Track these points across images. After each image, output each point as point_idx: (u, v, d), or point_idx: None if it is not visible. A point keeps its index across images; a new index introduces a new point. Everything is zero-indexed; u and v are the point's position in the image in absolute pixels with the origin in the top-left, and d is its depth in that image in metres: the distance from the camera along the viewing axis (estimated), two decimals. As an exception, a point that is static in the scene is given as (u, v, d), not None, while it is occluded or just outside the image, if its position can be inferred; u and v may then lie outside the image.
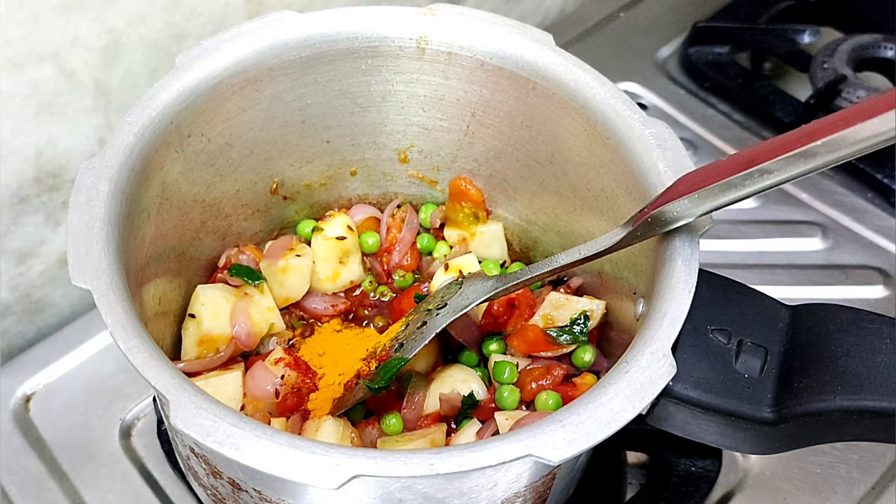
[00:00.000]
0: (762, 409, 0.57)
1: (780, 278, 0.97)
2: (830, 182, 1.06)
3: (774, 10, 1.26)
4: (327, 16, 0.72)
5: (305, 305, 0.80)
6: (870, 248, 1.00)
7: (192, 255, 0.75)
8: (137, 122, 0.65)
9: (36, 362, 0.87)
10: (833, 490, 0.80)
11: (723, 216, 1.01)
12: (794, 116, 1.10)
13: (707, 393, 0.57)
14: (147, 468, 0.80)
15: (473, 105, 0.77)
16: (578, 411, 0.52)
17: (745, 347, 0.58)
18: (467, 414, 0.72)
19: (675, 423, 0.59)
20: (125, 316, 0.55)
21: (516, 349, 0.74)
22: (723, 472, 0.80)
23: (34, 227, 0.86)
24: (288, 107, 0.75)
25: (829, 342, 0.58)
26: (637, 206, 0.62)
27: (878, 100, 0.47)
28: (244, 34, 0.70)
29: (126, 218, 0.61)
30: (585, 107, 0.70)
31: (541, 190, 0.78)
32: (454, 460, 0.50)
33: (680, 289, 0.58)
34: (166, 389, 0.52)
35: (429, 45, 0.74)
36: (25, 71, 0.76)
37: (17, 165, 0.81)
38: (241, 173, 0.76)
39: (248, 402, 0.71)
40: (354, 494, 0.56)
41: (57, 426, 0.82)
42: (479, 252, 0.83)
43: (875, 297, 0.95)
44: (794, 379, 0.57)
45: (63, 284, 0.93)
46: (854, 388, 0.55)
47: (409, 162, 0.83)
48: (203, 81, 0.68)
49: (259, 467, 0.49)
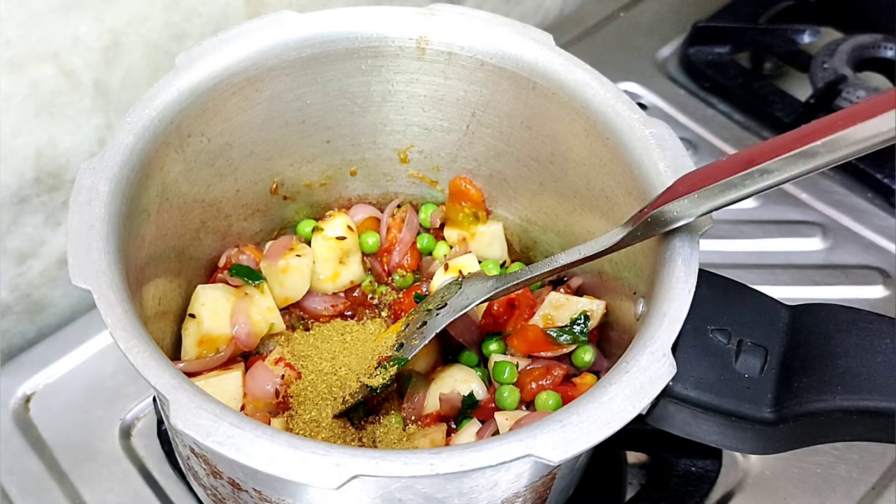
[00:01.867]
0: (762, 409, 0.57)
1: (780, 278, 0.97)
2: (830, 182, 1.06)
3: (774, 10, 1.26)
4: (327, 16, 0.72)
5: (305, 305, 0.80)
6: (870, 248, 1.00)
7: (192, 255, 0.75)
8: (137, 122, 0.65)
9: (36, 362, 0.87)
10: (833, 490, 0.80)
11: (723, 216, 1.01)
12: (794, 116, 1.10)
13: (707, 393, 0.57)
14: (147, 468, 0.80)
15: (473, 105, 0.77)
16: (578, 411, 0.52)
17: (745, 347, 0.58)
18: (467, 414, 0.72)
19: (675, 423, 0.59)
20: (125, 316, 0.55)
21: (516, 349, 0.74)
22: (723, 472, 0.80)
23: (34, 227, 0.86)
24: (288, 107, 0.75)
25: (829, 342, 0.58)
26: (637, 206, 0.62)
27: (878, 100, 0.47)
28: (244, 34, 0.70)
29: (126, 218, 0.61)
30: (585, 107, 0.70)
31: (541, 190, 0.78)
32: (454, 460, 0.50)
33: (680, 289, 0.58)
34: (166, 389, 0.52)
35: (429, 45, 0.74)
36: (25, 71, 0.76)
37: (17, 165, 0.81)
38: (241, 173, 0.76)
39: (248, 402, 0.71)
40: (354, 494, 0.56)
41: (57, 426, 0.82)
42: (480, 252, 0.83)
43: (875, 297, 0.95)
44: (794, 379, 0.57)
45: (63, 284, 0.93)
46: (854, 388, 0.55)
47: (409, 162, 0.83)
48: (203, 81, 0.68)
49: (259, 467, 0.49)
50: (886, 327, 0.58)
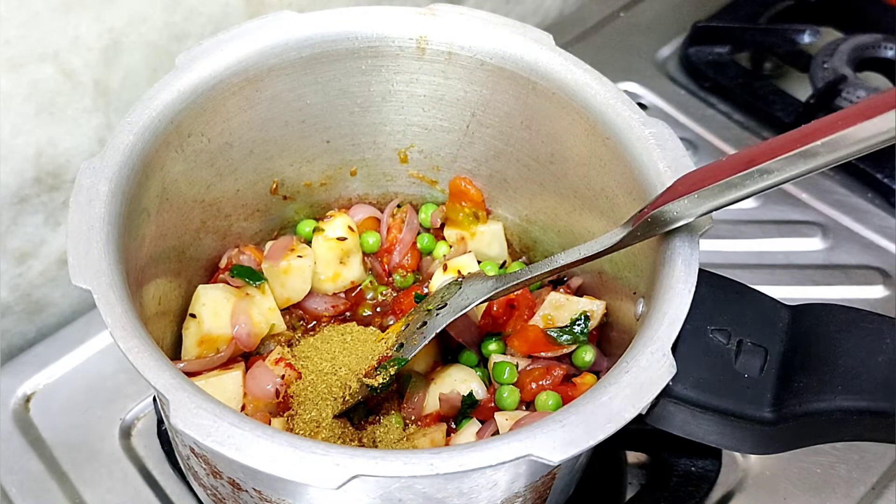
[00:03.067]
0: (762, 409, 0.57)
1: (780, 278, 0.97)
2: (830, 182, 1.06)
3: (774, 10, 1.26)
4: (327, 16, 0.72)
5: (306, 306, 0.80)
6: (870, 248, 1.00)
7: (192, 255, 0.75)
8: (137, 122, 0.65)
9: (36, 362, 0.87)
10: (833, 490, 0.80)
11: (723, 216, 1.01)
12: (794, 116, 1.10)
13: (707, 393, 0.57)
14: (147, 468, 0.80)
15: (473, 105, 0.77)
16: (578, 411, 0.52)
17: (744, 347, 0.58)
18: (467, 414, 0.72)
19: (674, 422, 0.59)
20: (125, 316, 0.55)
21: (516, 350, 0.74)
22: (723, 472, 0.80)
23: (34, 227, 0.86)
24: (288, 107, 0.75)
25: (829, 342, 0.58)
26: (637, 206, 0.62)
27: (878, 100, 0.47)
28: (244, 34, 0.70)
29: (126, 218, 0.61)
30: (585, 107, 0.70)
31: (541, 190, 0.78)
32: (454, 460, 0.50)
33: (680, 289, 0.58)
34: (166, 389, 0.52)
35: (429, 44, 0.74)
36: (25, 71, 0.76)
37: (17, 165, 0.81)
38: (241, 173, 0.76)
39: (248, 402, 0.71)
40: (354, 494, 0.56)
41: (57, 426, 0.82)
42: (479, 251, 0.83)
43: (875, 297, 0.95)
44: (794, 379, 0.57)
45: (63, 284, 0.93)
46: (854, 388, 0.55)
47: (409, 162, 0.83)
48: (203, 81, 0.68)
49: (259, 467, 0.49)
50: (886, 327, 0.57)
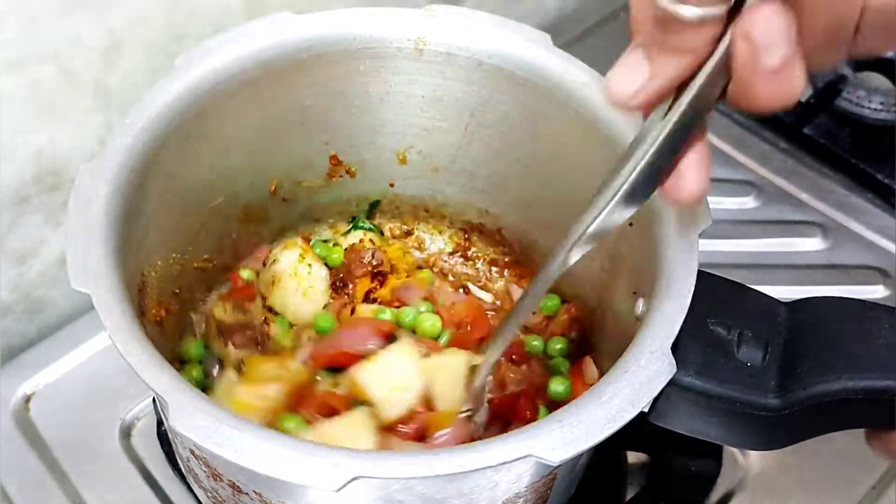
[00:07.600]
0: (766, 395, 0.57)
1: (780, 278, 0.97)
2: (830, 182, 1.06)
3: (774, 10, 1.25)
4: (325, 17, 0.72)
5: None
6: (870, 248, 1.00)
7: (191, 258, 0.75)
8: (136, 123, 0.64)
9: (36, 362, 0.86)
10: (833, 490, 0.80)
11: (723, 216, 1.01)
12: (794, 116, 1.10)
13: (710, 381, 0.57)
14: (147, 468, 0.80)
15: (472, 105, 0.77)
16: (578, 411, 0.52)
17: (745, 339, 0.58)
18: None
19: (677, 416, 0.59)
20: (124, 319, 0.55)
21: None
22: (723, 472, 0.80)
23: (34, 227, 0.86)
24: (287, 108, 0.75)
25: (828, 330, 0.58)
26: (636, 206, 0.62)
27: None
28: (244, 35, 0.70)
29: (125, 220, 0.61)
30: (584, 106, 0.69)
31: (541, 190, 0.78)
32: (454, 461, 0.50)
33: (679, 288, 0.58)
34: (165, 392, 0.52)
35: (427, 45, 0.74)
36: (25, 71, 0.76)
37: (17, 165, 0.81)
38: (241, 175, 0.76)
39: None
40: (355, 496, 0.56)
41: (57, 426, 0.82)
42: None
43: (875, 297, 0.95)
44: (796, 365, 0.57)
45: (63, 284, 0.93)
46: (857, 368, 0.55)
47: (407, 163, 0.83)
48: (203, 82, 0.68)
49: (259, 469, 0.49)
50: (885, 314, 0.58)
